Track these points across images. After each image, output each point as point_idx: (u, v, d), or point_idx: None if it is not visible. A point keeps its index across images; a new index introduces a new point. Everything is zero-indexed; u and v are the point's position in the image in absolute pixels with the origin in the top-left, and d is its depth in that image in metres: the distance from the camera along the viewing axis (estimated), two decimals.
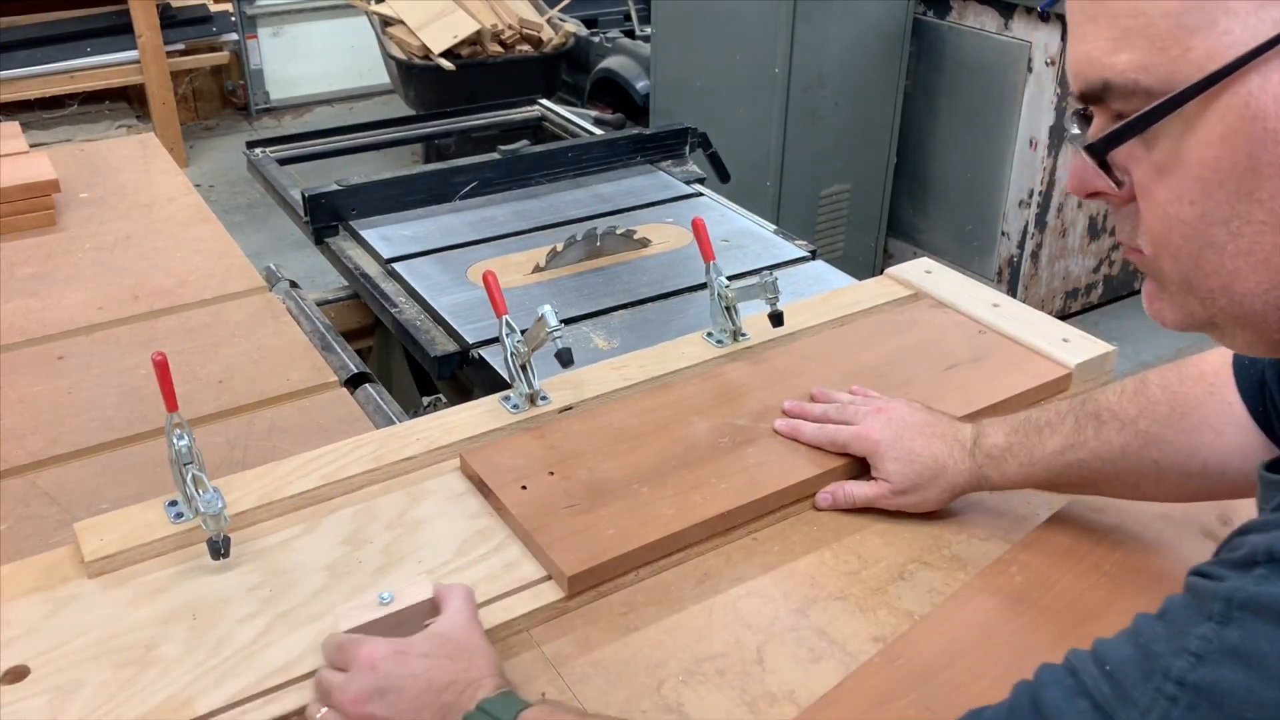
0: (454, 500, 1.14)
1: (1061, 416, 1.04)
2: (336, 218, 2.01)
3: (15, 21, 4.67)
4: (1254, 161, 0.54)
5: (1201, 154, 0.56)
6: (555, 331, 1.17)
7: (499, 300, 1.24)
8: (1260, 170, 0.54)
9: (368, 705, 0.84)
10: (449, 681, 0.85)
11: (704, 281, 1.41)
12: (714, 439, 1.21)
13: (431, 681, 0.84)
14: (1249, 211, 0.56)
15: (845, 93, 3.42)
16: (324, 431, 1.36)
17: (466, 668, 0.86)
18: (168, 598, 1.00)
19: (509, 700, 0.83)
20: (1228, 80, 0.54)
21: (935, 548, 1.09)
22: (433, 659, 0.86)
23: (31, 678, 0.91)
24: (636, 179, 2.24)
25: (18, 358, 1.52)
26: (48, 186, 1.93)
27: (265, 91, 5.68)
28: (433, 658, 0.86)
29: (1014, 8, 3.28)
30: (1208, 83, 0.54)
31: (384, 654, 0.86)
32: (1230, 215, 0.56)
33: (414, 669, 0.85)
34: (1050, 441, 1.03)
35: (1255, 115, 0.54)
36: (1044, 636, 0.96)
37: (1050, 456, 1.03)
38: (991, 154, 3.48)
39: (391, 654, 0.86)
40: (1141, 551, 1.07)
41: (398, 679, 0.84)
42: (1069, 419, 1.03)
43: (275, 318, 1.64)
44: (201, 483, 1.03)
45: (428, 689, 0.84)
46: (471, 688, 0.84)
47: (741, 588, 1.04)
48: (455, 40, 4.47)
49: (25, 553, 1.08)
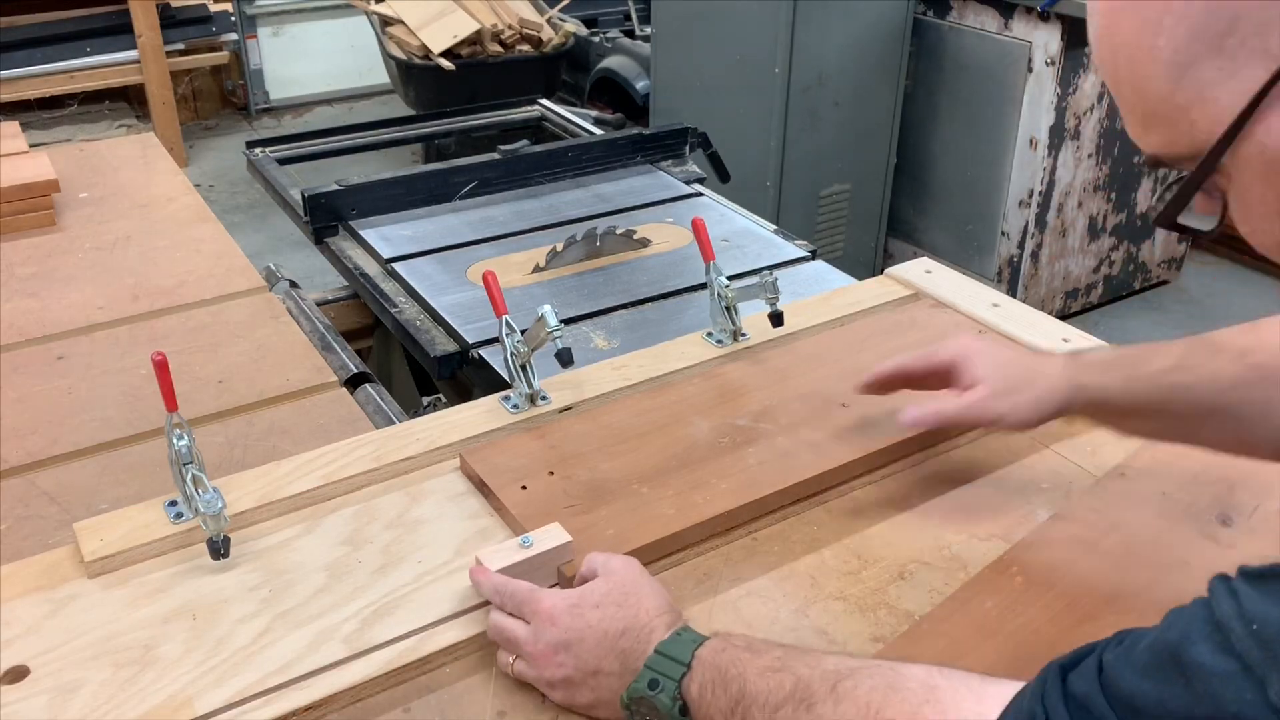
0: (454, 500, 1.14)
1: (1171, 344, 1.02)
2: (336, 218, 2.01)
3: (15, 21, 4.67)
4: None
5: (1254, 194, 0.62)
6: (555, 331, 1.17)
7: (499, 300, 1.24)
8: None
9: (555, 657, 0.89)
10: (623, 629, 0.89)
11: (704, 281, 1.41)
12: (714, 439, 1.21)
13: (607, 631, 0.89)
14: None
15: (845, 93, 3.42)
16: (324, 431, 1.36)
17: (636, 612, 0.90)
18: (167, 598, 1.00)
19: (683, 640, 0.86)
20: (1237, 139, 0.59)
21: (935, 548, 1.09)
22: (604, 609, 0.90)
23: (31, 678, 0.91)
24: (636, 179, 2.24)
25: (18, 358, 1.52)
26: (47, 186, 1.93)
27: (265, 91, 5.68)
28: (604, 607, 0.90)
29: (1014, 8, 3.28)
30: (1221, 148, 0.60)
31: (562, 609, 0.91)
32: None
33: (590, 620, 0.90)
34: (1157, 360, 1.00)
35: (1274, 157, 0.59)
36: (1044, 636, 0.96)
37: (1157, 375, 0.99)
38: (991, 154, 3.48)
39: (567, 608, 0.91)
40: (1142, 551, 1.07)
41: (577, 632, 0.89)
42: (1179, 346, 1.00)
43: (275, 318, 1.64)
44: (201, 483, 1.03)
45: (604, 638, 0.89)
46: (645, 631, 0.88)
47: (741, 588, 1.04)
48: (455, 40, 4.47)
49: (25, 553, 1.08)
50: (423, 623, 0.97)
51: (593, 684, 0.88)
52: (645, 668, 0.85)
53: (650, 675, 0.85)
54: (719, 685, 0.82)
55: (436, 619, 0.98)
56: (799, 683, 0.78)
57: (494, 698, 0.92)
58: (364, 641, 0.95)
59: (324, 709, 0.90)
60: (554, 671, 0.90)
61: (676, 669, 0.84)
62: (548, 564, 1.00)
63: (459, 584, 1.01)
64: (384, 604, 0.99)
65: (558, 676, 0.89)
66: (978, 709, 0.69)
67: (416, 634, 0.96)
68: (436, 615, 0.98)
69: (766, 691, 0.79)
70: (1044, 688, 0.65)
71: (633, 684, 0.85)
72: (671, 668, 0.84)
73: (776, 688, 0.79)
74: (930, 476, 1.20)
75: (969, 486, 1.19)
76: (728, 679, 0.81)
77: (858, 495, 1.17)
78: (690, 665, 0.84)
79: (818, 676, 0.77)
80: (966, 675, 0.73)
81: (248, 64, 5.57)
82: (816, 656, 0.81)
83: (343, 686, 0.91)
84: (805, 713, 0.76)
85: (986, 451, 1.25)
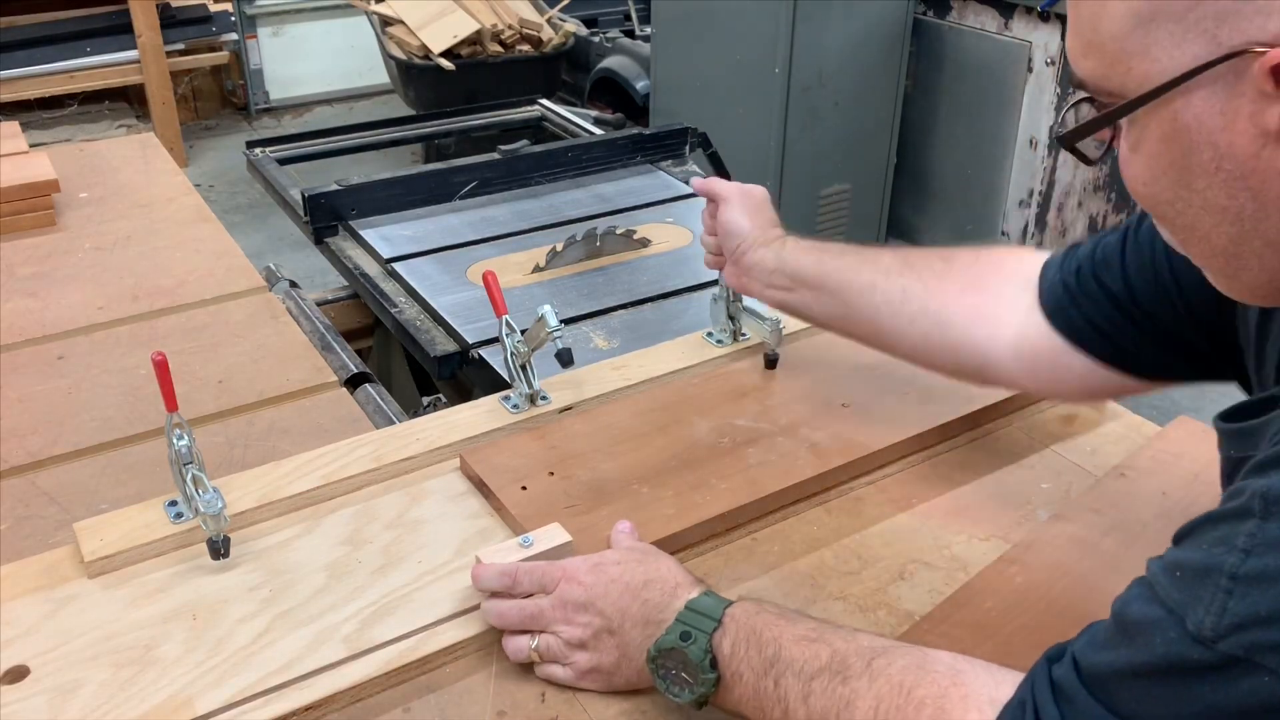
0: (454, 500, 1.14)
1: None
2: (336, 218, 2.01)
3: (15, 21, 4.67)
4: (1186, 161, 0.65)
5: (1150, 148, 0.67)
6: (555, 331, 1.17)
7: (499, 300, 1.24)
8: (1192, 169, 0.65)
9: (580, 617, 0.91)
10: (645, 580, 0.91)
11: (703, 281, 1.41)
12: (714, 439, 1.21)
13: (629, 583, 0.91)
14: (1188, 197, 0.67)
15: (845, 93, 3.42)
16: (324, 431, 1.36)
17: (658, 567, 0.92)
18: (167, 598, 1.00)
19: (713, 599, 0.88)
20: (1161, 98, 0.64)
21: (935, 548, 1.09)
22: (624, 564, 0.93)
23: (31, 678, 0.91)
24: (636, 179, 2.24)
25: (18, 358, 1.52)
26: (47, 186, 1.93)
27: (265, 91, 5.68)
28: (624, 564, 0.93)
29: (1014, 8, 3.28)
30: (1141, 101, 0.65)
31: (584, 569, 0.93)
32: (1173, 198, 0.68)
33: (611, 574, 0.92)
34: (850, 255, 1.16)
35: (1183, 128, 0.64)
36: (1044, 636, 0.96)
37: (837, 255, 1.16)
38: (991, 154, 3.48)
39: (589, 567, 0.94)
40: (1141, 551, 1.06)
41: (601, 586, 0.91)
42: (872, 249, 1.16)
43: (275, 318, 1.64)
44: (201, 483, 1.03)
45: (627, 589, 0.90)
46: (670, 585, 0.90)
47: (742, 588, 1.04)
48: (455, 40, 4.47)
49: (25, 553, 1.08)
50: (423, 623, 0.97)
51: (618, 640, 0.89)
52: (677, 620, 0.86)
53: (682, 628, 0.85)
54: (753, 645, 0.83)
55: (437, 619, 0.98)
56: (835, 654, 0.79)
57: (494, 698, 0.92)
58: (364, 641, 0.95)
59: (324, 709, 0.90)
60: (581, 631, 0.91)
61: (709, 624, 0.85)
62: None
63: (459, 584, 1.01)
64: (384, 604, 0.99)
65: (587, 635, 0.91)
66: (995, 694, 0.72)
67: (416, 634, 0.96)
68: (436, 615, 0.98)
69: (803, 659, 0.80)
70: (1034, 678, 0.70)
71: (663, 636, 0.86)
72: (704, 622, 0.85)
73: (813, 657, 0.80)
74: (930, 476, 1.20)
75: (969, 486, 1.19)
76: (763, 641, 0.83)
77: (858, 495, 1.17)
78: (721, 622, 0.85)
79: (853, 651, 0.79)
80: (986, 664, 0.77)
81: (248, 64, 5.57)
82: (850, 631, 0.83)
83: (343, 686, 0.91)
84: (841, 685, 0.78)
85: (986, 451, 1.25)
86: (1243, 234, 0.66)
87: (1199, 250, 0.71)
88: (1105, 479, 1.18)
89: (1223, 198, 0.65)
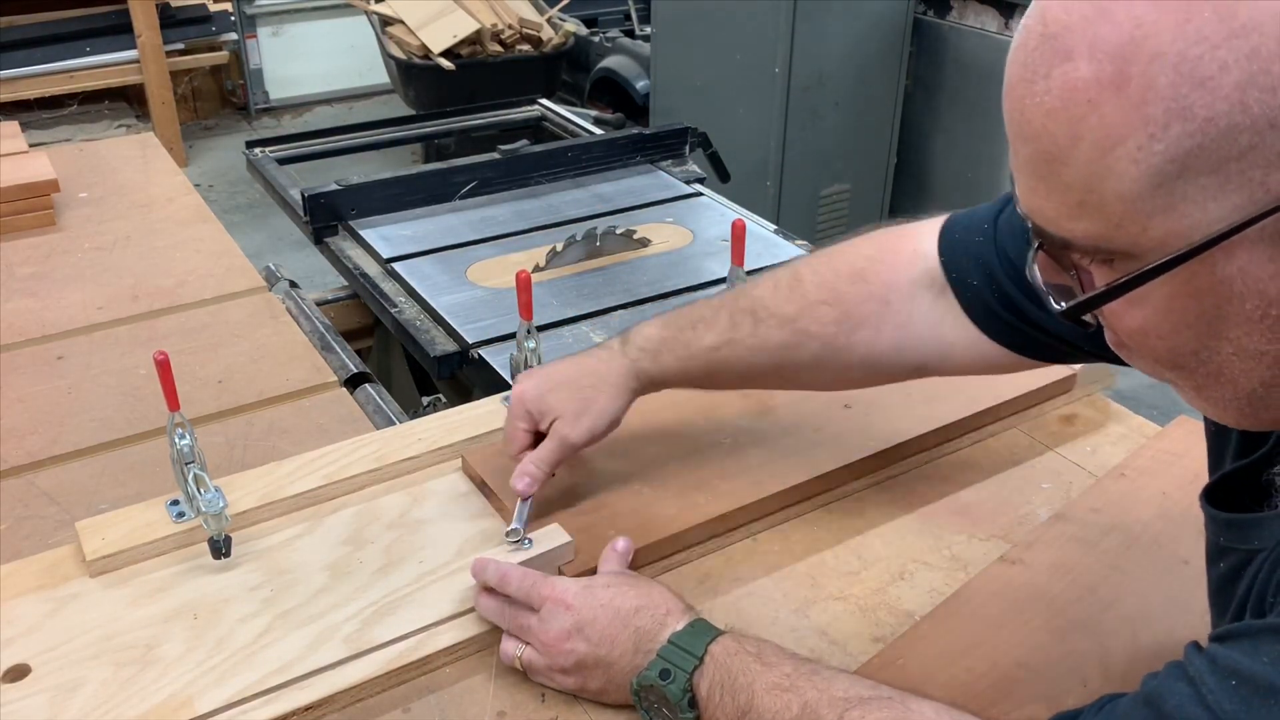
0: (456, 501, 1.14)
1: (716, 311, 1.05)
2: (336, 217, 2.01)
3: (15, 21, 4.67)
4: (1222, 311, 0.57)
5: (1172, 303, 0.58)
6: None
7: (527, 302, 1.21)
8: (1228, 319, 0.57)
9: (567, 642, 0.89)
10: (636, 607, 0.89)
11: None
12: (714, 439, 1.21)
13: (619, 609, 0.89)
14: (1217, 345, 0.59)
15: (845, 93, 3.42)
16: (324, 431, 1.36)
17: (649, 592, 0.90)
18: (169, 597, 1.00)
19: (697, 633, 0.86)
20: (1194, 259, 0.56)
21: (935, 548, 1.09)
22: (615, 588, 0.91)
23: (32, 676, 0.91)
24: (636, 179, 2.24)
25: (18, 358, 1.52)
26: (47, 186, 1.93)
27: (265, 91, 5.68)
28: (614, 588, 0.91)
29: (1015, 7, 3.28)
30: (1174, 262, 0.56)
31: (573, 591, 0.91)
32: (1199, 348, 0.60)
33: (601, 599, 0.90)
34: (706, 336, 1.04)
35: (1223, 281, 0.56)
36: (1044, 637, 0.96)
37: (707, 351, 1.04)
38: (991, 154, 3.48)
39: (579, 590, 0.91)
40: (1141, 551, 1.07)
41: (590, 611, 0.89)
42: (724, 315, 1.04)
43: (275, 318, 1.64)
44: (203, 482, 1.03)
45: (617, 616, 0.89)
46: (660, 613, 0.88)
47: (742, 588, 1.04)
48: (455, 40, 4.47)
49: (24, 553, 1.08)
50: (423, 623, 0.97)
51: (604, 668, 0.88)
52: (659, 656, 0.85)
53: (663, 664, 0.84)
54: (727, 690, 0.82)
55: (437, 619, 0.98)
56: (806, 707, 0.77)
57: (494, 698, 0.92)
58: (364, 641, 0.95)
59: (324, 709, 0.90)
60: (564, 659, 0.89)
61: (689, 661, 0.84)
62: (548, 564, 1.00)
63: (460, 584, 1.01)
64: (385, 604, 0.99)
65: (569, 663, 0.89)
66: None
67: (417, 634, 0.96)
68: (437, 615, 0.98)
69: (773, 711, 0.78)
70: None
71: (644, 671, 0.85)
72: (684, 659, 0.84)
73: (783, 708, 0.78)
74: (930, 476, 1.20)
75: (969, 487, 1.19)
76: (736, 687, 0.81)
77: (858, 495, 1.17)
78: (702, 660, 0.84)
79: (825, 702, 0.77)
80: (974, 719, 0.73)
81: (247, 64, 5.57)
82: (827, 678, 0.80)
83: (343, 686, 0.91)
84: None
85: (986, 451, 1.25)
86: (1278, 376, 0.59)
87: (1218, 394, 0.62)
88: (1105, 479, 1.18)
89: (1263, 343, 0.58)
